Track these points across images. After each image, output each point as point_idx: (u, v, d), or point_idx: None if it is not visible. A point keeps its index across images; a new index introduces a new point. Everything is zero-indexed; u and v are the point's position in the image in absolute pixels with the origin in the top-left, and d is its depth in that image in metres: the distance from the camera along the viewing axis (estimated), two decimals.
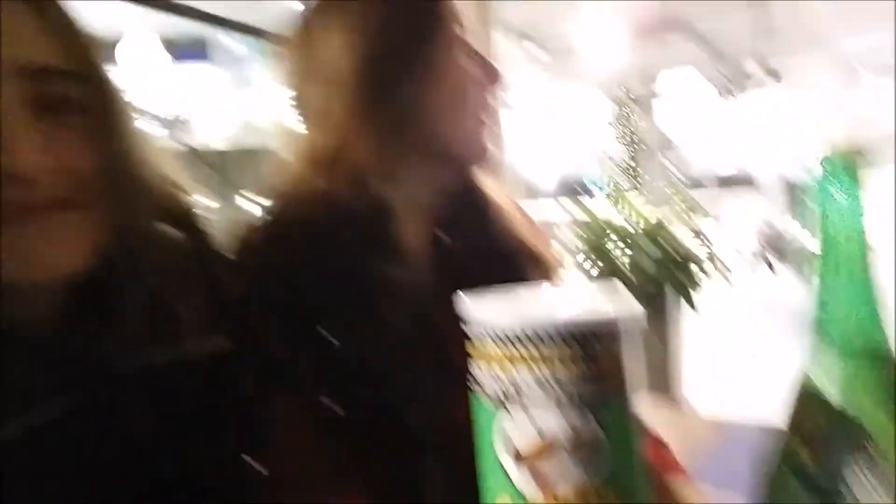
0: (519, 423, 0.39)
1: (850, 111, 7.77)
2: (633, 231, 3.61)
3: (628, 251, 3.49)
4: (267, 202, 0.80)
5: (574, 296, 0.45)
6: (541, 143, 9.18)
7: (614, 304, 0.41)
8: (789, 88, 6.66)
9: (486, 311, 0.40)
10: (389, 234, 0.74)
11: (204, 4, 4.70)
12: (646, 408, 0.45)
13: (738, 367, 5.64)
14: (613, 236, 3.51)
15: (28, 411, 0.55)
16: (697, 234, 4.25)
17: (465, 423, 0.42)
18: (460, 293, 0.43)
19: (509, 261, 0.81)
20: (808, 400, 0.46)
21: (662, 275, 3.80)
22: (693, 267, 4.08)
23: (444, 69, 0.74)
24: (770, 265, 14.25)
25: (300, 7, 0.81)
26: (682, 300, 4.07)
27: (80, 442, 0.57)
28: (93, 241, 0.58)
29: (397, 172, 0.75)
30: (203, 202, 0.75)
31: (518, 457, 0.39)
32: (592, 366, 0.38)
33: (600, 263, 3.41)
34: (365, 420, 0.67)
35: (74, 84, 0.57)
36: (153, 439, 0.60)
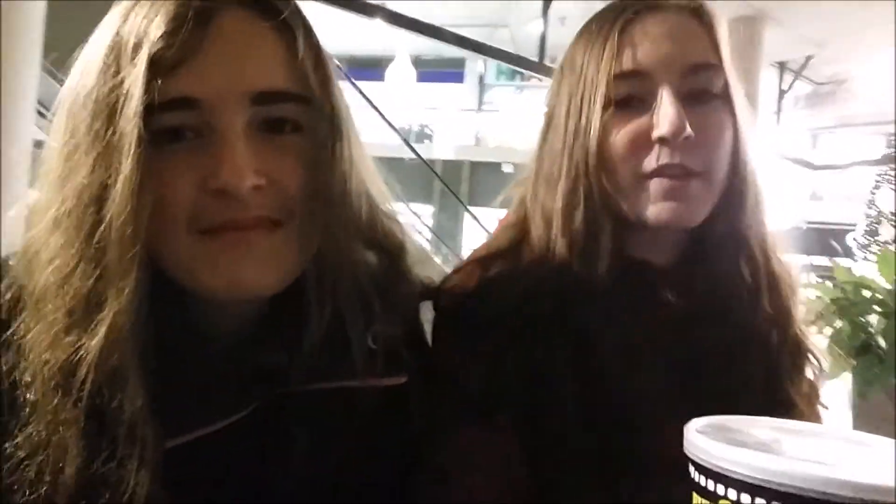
0: None
1: None
2: None
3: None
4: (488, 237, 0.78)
5: (848, 448, 0.38)
6: (784, 184, 8.25)
7: None
8: None
9: (718, 452, 0.35)
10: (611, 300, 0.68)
11: (468, 31, 5.08)
12: None
13: None
14: (877, 307, 2.97)
15: (203, 415, 0.57)
16: None
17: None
18: (691, 425, 0.38)
19: (763, 366, 0.70)
20: None
21: None
22: None
23: None
24: None
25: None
26: None
27: (241, 453, 0.58)
28: (292, 262, 0.58)
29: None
30: (412, 229, 0.73)
31: None
32: None
33: (855, 341, 2.91)
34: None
35: (295, 106, 0.57)
36: (311, 464, 0.59)
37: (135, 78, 0.52)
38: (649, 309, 0.69)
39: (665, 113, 0.64)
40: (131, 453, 0.51)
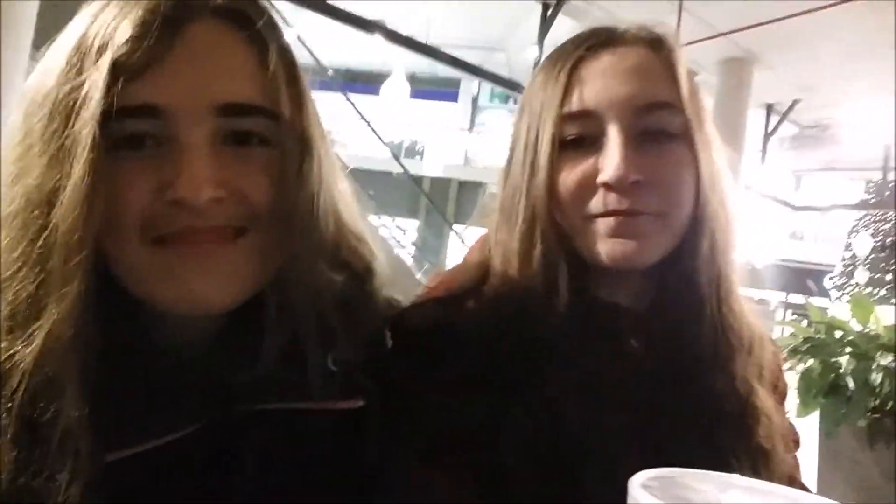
0: None
1: None
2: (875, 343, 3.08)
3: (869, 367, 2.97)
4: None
5: None
6: (765, 222, 8.39)
7: None
8: None
9: None
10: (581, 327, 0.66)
11: (465, 53, 5.13)
12: None
13: None
14: (848, 347, 3.00)
15: (149, 429, 0.54)
16: None
17: None
18: (636, 479, 0.37)
19: (728, 419, 0.67)
20: None
21: None
22: None
23: None
24: None
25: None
26: None
27: (190, 468, 0.56)
28: (250, 277, 0.56)
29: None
30: (386, 248, 0.69)
31: None
32: None
33: (824, 380, 2.93)
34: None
35: (263, 120, 0.55)
36: (259, 484, 0.57)
37: (95, 81, 0.50)
38: (611, 354, 0.67)
39: (610, 158, 0.62)
40: (63, 467, 0.49)
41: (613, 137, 0.63)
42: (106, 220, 0.51)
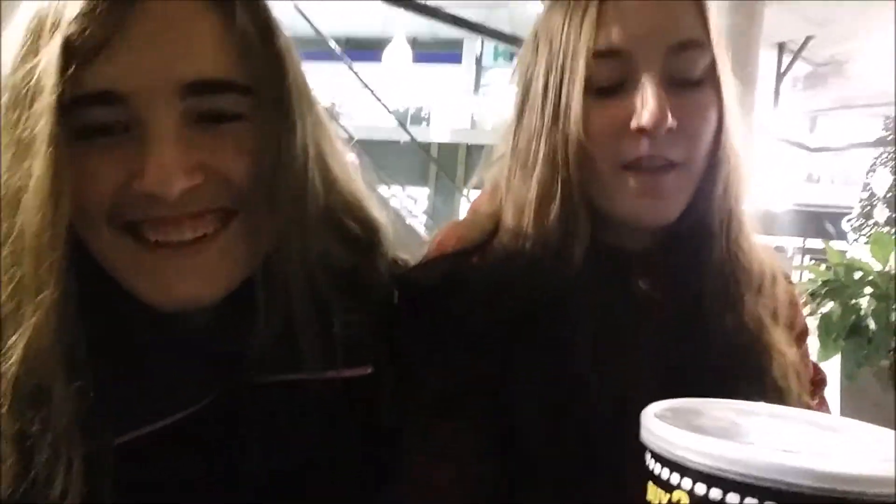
0: None
1: None
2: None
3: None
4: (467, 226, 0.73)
5: (833, 434, 0.36)
6: (780, 166, 8.26)
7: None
8: None
9: (675, 439, 0.33)
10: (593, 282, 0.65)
11: (465, 12, 5.01)
12: None
13: None
14: (869, 288, 2.97)
15: (156, 409, 0.53)
16: None
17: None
18: (649, 410, 0.37)
19: (742, 350, 0.66)
20: None
21: None
22: None
23: None
24: None
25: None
26: None
27: (197, 445, 0.55)
28: (237, 268, 0.54)
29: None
30: (392, 215, 0.67)
31: None
32: None
33: (845, 322, 2.91)
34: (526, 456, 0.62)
35: (236, 95, 0.51)
36: (268, 458, 0.56)
37: (47, 65, 0.45)
38: (621, 298, 0.66)
39: (647, 101, 0.60)
40: (62, 471, 0.47)
41: (649, 81, 0.60)
42: (76, 213, 0.48)
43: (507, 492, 0.62)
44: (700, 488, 0.31)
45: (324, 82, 0.61)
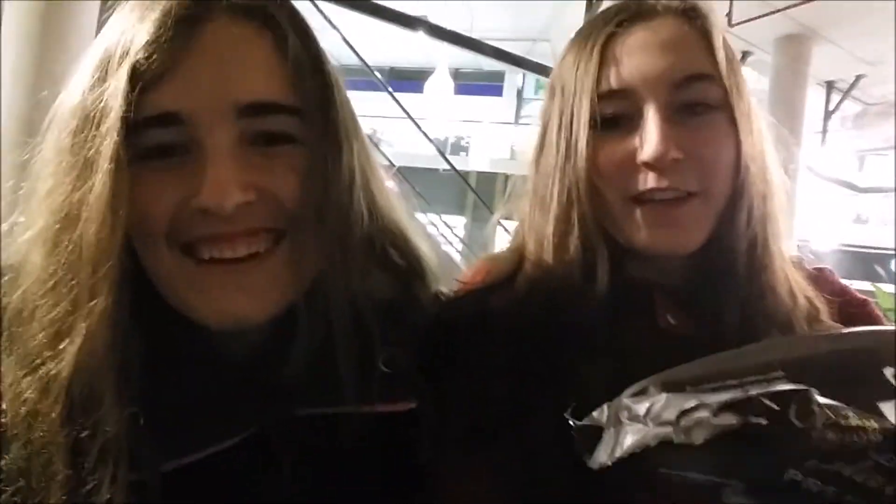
0: None
1: None
2: None
3: None
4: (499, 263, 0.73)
5: None
6: (827, 205, 8.03)
7: None
8: None
9: None
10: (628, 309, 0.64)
11: (508, 45, 5.08)
12: None
13: None
14: None
15: (201, 437, 0.54)
16: None
17: None
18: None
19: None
20: None
21: None
22: None
23: None
24: None
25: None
26: None
27: (241, 474, 0.55)
28: (287, 288, 0.55)
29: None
30: (435, 244, 0.68)
31: None
32: None
33: None
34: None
35: (287, 118, 0.54)
36: (304, 492, 0.56)
37: (115, 90, 0.49)
38: (647, 332, 0.65)
39: (649, 136, 0.60)
40: (108, 480, 0.48)
41: (651, 115, 0.61)
42: (136, 230, 0.50)
43: None
44: None
45: (367, 110, 0.62)
